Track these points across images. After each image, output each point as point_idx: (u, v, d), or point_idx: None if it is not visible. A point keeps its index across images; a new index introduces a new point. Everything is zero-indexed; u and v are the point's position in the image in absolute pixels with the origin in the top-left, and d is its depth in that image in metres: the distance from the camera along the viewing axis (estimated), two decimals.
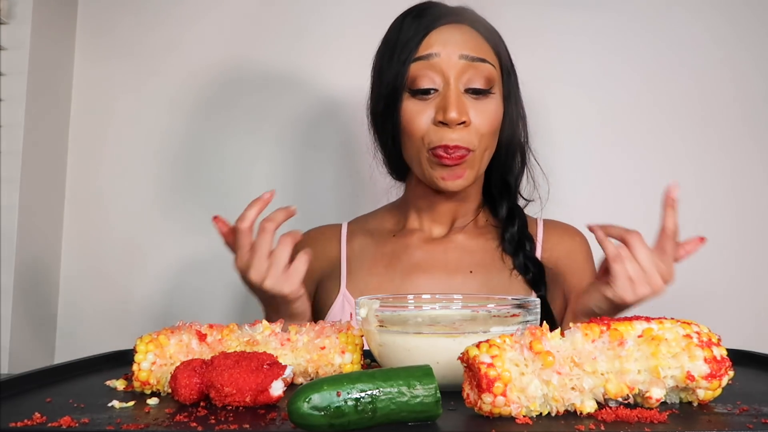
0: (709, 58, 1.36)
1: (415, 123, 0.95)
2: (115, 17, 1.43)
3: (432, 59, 0.94)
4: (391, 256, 1.04)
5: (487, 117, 0.96)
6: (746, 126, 1.36)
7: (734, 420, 0.52)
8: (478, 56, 0.95)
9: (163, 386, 0.63)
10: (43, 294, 1.35)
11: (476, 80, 0.95)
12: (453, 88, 0.94)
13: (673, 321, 0.58)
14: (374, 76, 1.03)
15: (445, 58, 0.94)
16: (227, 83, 1.42)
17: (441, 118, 0.93)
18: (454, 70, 0.94)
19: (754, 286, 1.34)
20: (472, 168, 0.97)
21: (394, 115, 0.97)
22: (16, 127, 1.27)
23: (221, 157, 1.41)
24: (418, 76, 0.95)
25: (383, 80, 0.98)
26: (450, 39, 0.95)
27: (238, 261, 0.86)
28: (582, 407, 0.53)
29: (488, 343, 0.53)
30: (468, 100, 0.95)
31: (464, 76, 0.95)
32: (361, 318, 0.68)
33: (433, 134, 0.95)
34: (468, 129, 0.94)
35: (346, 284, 1.04)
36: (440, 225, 1.06)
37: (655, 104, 1.37)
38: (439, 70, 0.94)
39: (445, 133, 0.94)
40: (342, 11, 1.40)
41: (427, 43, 0.95)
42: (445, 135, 0.94)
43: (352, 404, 0.49)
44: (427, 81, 0.95)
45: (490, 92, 0.96)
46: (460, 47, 0.95)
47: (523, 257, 1.02)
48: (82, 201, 1.41)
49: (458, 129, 0.94)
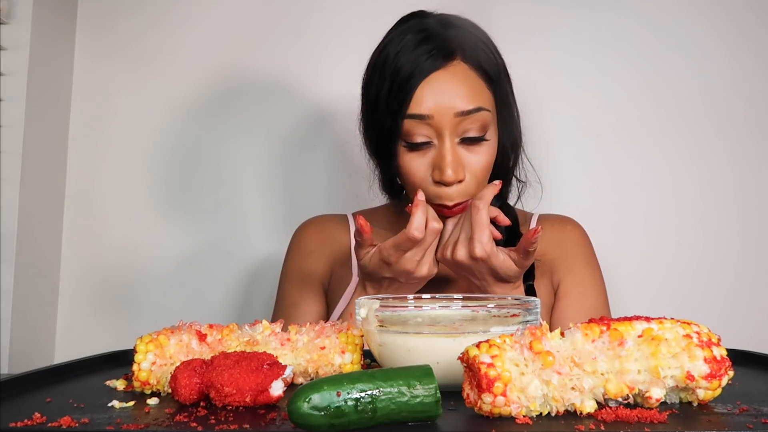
0: (709, 57, 1.36)
1: (414, 179, 0.95)
2: (114, 18, 1.43)
3: (425, 120, 0.92)
4: None
5: (482, 164, 0.96)
6: (747, 125, 1.35)
7: (734, 420, 0.52)
8: (472, 108, 0.93)
9: (163, 386, 0.63)
10: (43, 294, 1.35)
11: (471, 130, 0.94)
12: (447, 145, 0.93)
13: (673, 321, 0.58)
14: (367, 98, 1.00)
15: (438, 118, 0.92)
16: (226, 84, 1.42)
17: (438, 177, 0.93)
18: (449, 126, 0.93)
19: (755, 286, 1.34)
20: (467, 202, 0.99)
21: (393, 162, 0.97)
22: (16, 127, 1.27)
23: (221, 157, 1.41)
24: (411, 132, 0.93)
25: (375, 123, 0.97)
26: (443, 93, 0.92)
27: (408, 263, 0.88)
28: (582, 407, 0.53)
29: (488, 343, 0.53)
30: (462, 151, 0.94)
31: (459, 128, 0.93)
32: (361, 318, 0.68)
33: (431, 190, 0.95)
34: (465, 183, 0.95)
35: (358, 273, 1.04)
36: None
37: (653, 103, 1.37)
38: (433, 127, 0.93)
39: (443, 192, 0.94)
40: (339, 14, 1.40)
41: (419, 98, 0.92)
42: (443, 194, 0.94)
43: (352, 404, 0.49)
44: (420, 136, 0.94)
45: (484, 139, 0.95)
46: (455, 102, 0.92)
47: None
48: (82, 201, 1.41)
49: (455, 185, 0.94)
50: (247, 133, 1.41)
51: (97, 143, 1.42)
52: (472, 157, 0.95)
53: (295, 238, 1.13)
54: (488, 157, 0.96)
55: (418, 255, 0.88)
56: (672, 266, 1.34)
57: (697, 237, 1.34)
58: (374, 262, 0.90)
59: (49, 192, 1.37)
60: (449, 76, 0.94)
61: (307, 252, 1.10)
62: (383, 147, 0.98)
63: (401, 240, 0.87)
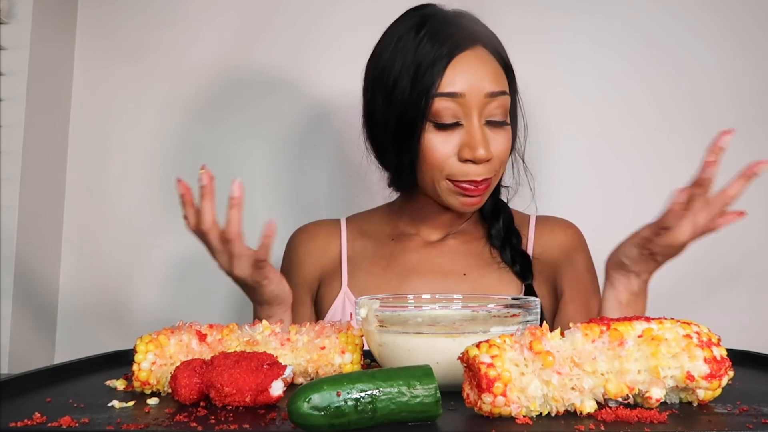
0: (706, 62, 1.36)
1: (438, 156, 0.95)
2: (114, 17, 1.43)
3: (457, 98, 0.93)
4: (389, 258, 1.06)
5: (504, 147, 0.97)
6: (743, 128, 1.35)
7: (734, 420, 0.52)
8: (499, 90, 0.95)
9: (163, 386, 0.63)
10: (43, 294, 1.35)
11: (496, 113, 0.95)
12: (476, 124, 0.94)
13: (673, 321, 0.58)
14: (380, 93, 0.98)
15: (469, 97, 0.93)
16: (226, 83, 1.42)
17: (468, 155, 0.93)
18: (478, 106, 0.94)
19: (754, 286, 1.34)
20: (489, 191, 0.99)
21: (413, 143, 0.95)
22: (16, 127, 1.26)
23: (220, 158, 1.40)
24: (442, 112, 0.93)
25: (397, 104, 0.95)
26: (474, 73, 0.93)
27: (221, 260, 0.85)
28: (582, 407, 0.54)
29: (488, 343, 0.53)
30: (488, 132, 0.95)
31: (486, 110, 0.95)
32: (361, 318, 0.68)
33: (457, 168, 0.95)
34: (492, 161, 0.96)
35: (348, 282, 1.05)
36: (436, 228, 1.08)
37: (652, 107, 1.37)
38: (463, 107, 0.93)
39: (471, 169, 0.95)
40: (340, 13, 1.40)
41: (450, 76, 0.93)
42: (471, 170, 0.95)
43: (352, 404, 0.49)
44: (451, 116, 0.94)
45: (506, 123, 0.97)
46: (484, 83, 0.93)
47: (510, 250, 1.03)
48: (82, 201, 1.41)
49: (482, 166, 0.95)
50: (247, 133, 1.41)
51: (97, 143, 1.42)
52: (496, 139, 0.96)
53: (286, 246, 1.13)
54: (509, 141, 0.98)
55: (225, 254, 0.84)
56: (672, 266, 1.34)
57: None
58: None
59: (49, 192, 1.37)
60: (476, 57, 0.95)
61: (296, 261, 1.10)
62: (405, 130, 0.95)
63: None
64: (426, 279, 1.03)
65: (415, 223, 1.08)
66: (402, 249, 1.07)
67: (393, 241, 1.08)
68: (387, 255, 1.06)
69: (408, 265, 1.05)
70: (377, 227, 1.11)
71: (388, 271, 1.05)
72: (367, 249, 1.08)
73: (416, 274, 1.04)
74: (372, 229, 1.11)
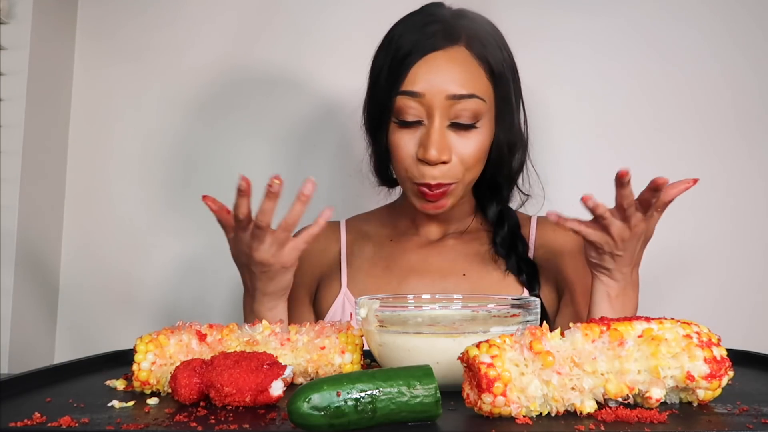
0: (707, 62, 1.36)
1: (400, 154, 0.95)
2: (114, 17, 1.43)
3: (417, 97, 0.93)
4: (389, 259, 1.06)
5: (471, 150, 0.95)
6: (743, 128, 1.35)
7: (734, 420, 0.52)
8: (465, 93, 0.93)
9: (163, 386, 0.63)
10: (43, 294, 1.35)
11: (462, 116, 0.93)
12: (436, 125, 0.93)
13: (673, 321, 0.58)
14: (370, 80, 1.01)
15: (430, 97, 0.92)
16: (226, 84, 1.41)
17: (421, 155, 0.93)
18: (440, 107, 0.93)
19: (755, 286, 1.33)
20: (454, 196, 0.97)
21: (384, 137, 0.97)
22: (16, 127, 1.26)
23: (220, 157, 1.40)
24: (404, 110, 0.94)
25: (373, 99, 0.99)
26: (437, 74, 0.92)
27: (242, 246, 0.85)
28: (582, 407, 0.53)
29: (488, 343, 0.53)
30: (451, 135, 0.94)
31: (450, 112, 0.93)
32: (361, 318, 0.68)
33: (415, 170, 0.94)
34: (450, 165, 0.94)
35: (347, 284, 1.05)
36: (435, 228, 1.07)
37: (652, 106, 1.37)
38: (424, 106, 0.93)
39: (426, 170, 0.94)
40: (341, 13, 1.40)
41: (413, 75, 0.93)
42: (426, 172, 0.94)
43: (352, 404, 0.49)
44: (411, 115, 0.94)
45: (475, 126, 0.94)
46: (446, 85, 0.92)
47: (515, 258, 1.02)
48: (82, 201, 1.41)
49: (439, 166, 0.93)
50: (247, 133, 1.41)
51: (97, 143, 1.42)
52: (460, 142, 0.94)
53: None
54: (478, 144, 0.95)
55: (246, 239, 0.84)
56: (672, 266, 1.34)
57: (697, 237, 1.34)
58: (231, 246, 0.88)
59: (49, 192, 1.37)
60: (447, 58, 0.94)
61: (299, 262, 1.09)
62: (376, 123, 0.98)
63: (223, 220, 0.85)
64: (425, 279, 1.03)
65: (413, 221, 1.08)
66: (401, 249, 1.07)
67: (392, 242, 1.08)
68: (386, 256, 1.06)
69: (407, 265, 1.05)
70: (376, 228, 1.11)
71: (387, 272, 1.05)
72: (366, 249, 1.08)
73: (415, 275, 1.03)
74: (371, 230, 1.11)
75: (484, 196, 1.07)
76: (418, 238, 1.07)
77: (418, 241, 1.07)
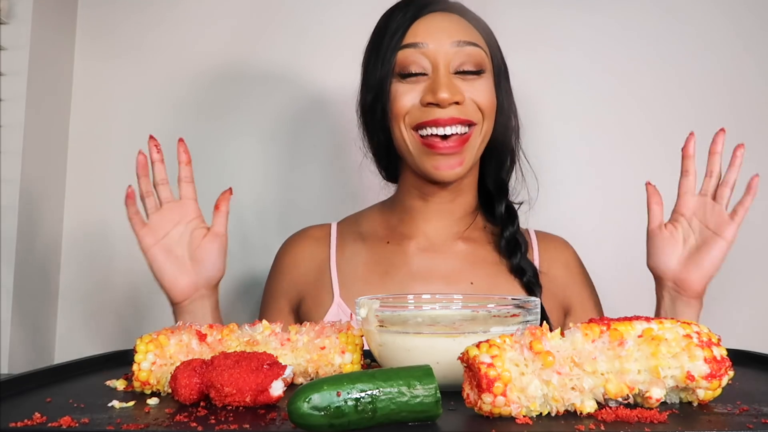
0: (705, 59, 1.37)
1: (400, 103, 0.93)
2: (114, 17, 1.43)
3: (420, 47, 0.92)
4: (388, 264, 1.00)
5: (483, 94, 0.94)
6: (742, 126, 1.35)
7: (734, 420, 0.52)
8: (468, 40, 0.93)
9: (163, 386, 0.63)
10: (43, 294, 1.35)
11: (467, 63, 0.93)
12: (442, 71, 0.92)
13: (673, 321, 0.58)
14: (363, 68, 1.01)
15: (433, 47, 0.92)
16: (226, 83, 1.42)
17: (431, 99, 0.91)
18: (444, 56, 0.92)
19: (754, 286, 1.33)
20: (470, 152, 0.94)
21: (382, 102, 0.95)
22: (16, 127, 1.26)
23: (219, 156, 1.41)
24: (406, 62, 0.93)
25: (372, 70, 0.97)
26: (438, 27, 0.93)
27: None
28: (582, 407, 0.53)
29: (488, 343, 0.53)
30: (459, 81, 0.93)
31: (454, 61, 0.93)
32: (361, 318, 0.68)
33: (419, 113, 0.92)
34: (464, 105, 0.92)
35: (340, 293, 1.00)
36: (435, 226, 1.02)
37: (650, 104, 1.37)
38: (428, 56, 0.92)
39: (436, 111, 0.91)
40: (335, 10, 1.41)
41: (414, 30, 0.93)
42: (437, 113, 0.91)
43: (352, 404, 0.49)
44: (415, 66, 0.93)
45: (482, 73, 0.94)
46: (449, 34, 0.93)
47: (519, 259, 1.00)
48: (82, 201, 1.41)
49: (452, 108, 0.91)
50: (246, 133, 1.41)
51: (97, 143, 1.42)
52: (470, 87, 0.93)
53: (275, 256, 1.10)
54: (487, 91, 0.94)
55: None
56: None
57: None
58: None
59: (49, 192, 1.37)
60: (446, 16, 0.95)
61: (281, 272, 1.06)
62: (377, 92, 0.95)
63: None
64: (430, 287, 0.98)
65: (412, 218, 1.03)
66: (402, 254, 1.01)
67: (389, 244, 1.02)
68: (384, 261, 1.01)
69: (409, 272, 0.99)
70: (371, 228, 1.05)
71: (386, 279, 0.99)
72: (360, 254, 1.02)
73: (419, 282, 0.98)
74: (365, 230, 1.05)
75: (487, 194, 1.04)
76: (418, 239, 1.02)
77: (420, 245, 1.02)
